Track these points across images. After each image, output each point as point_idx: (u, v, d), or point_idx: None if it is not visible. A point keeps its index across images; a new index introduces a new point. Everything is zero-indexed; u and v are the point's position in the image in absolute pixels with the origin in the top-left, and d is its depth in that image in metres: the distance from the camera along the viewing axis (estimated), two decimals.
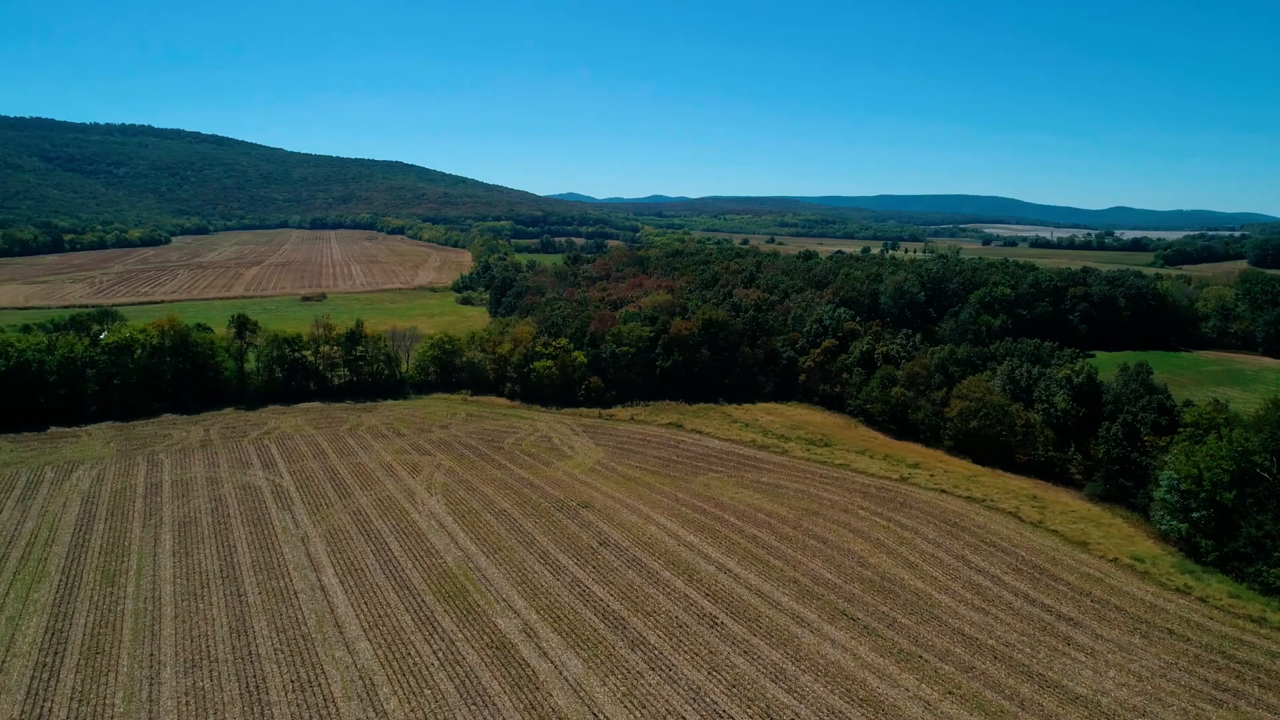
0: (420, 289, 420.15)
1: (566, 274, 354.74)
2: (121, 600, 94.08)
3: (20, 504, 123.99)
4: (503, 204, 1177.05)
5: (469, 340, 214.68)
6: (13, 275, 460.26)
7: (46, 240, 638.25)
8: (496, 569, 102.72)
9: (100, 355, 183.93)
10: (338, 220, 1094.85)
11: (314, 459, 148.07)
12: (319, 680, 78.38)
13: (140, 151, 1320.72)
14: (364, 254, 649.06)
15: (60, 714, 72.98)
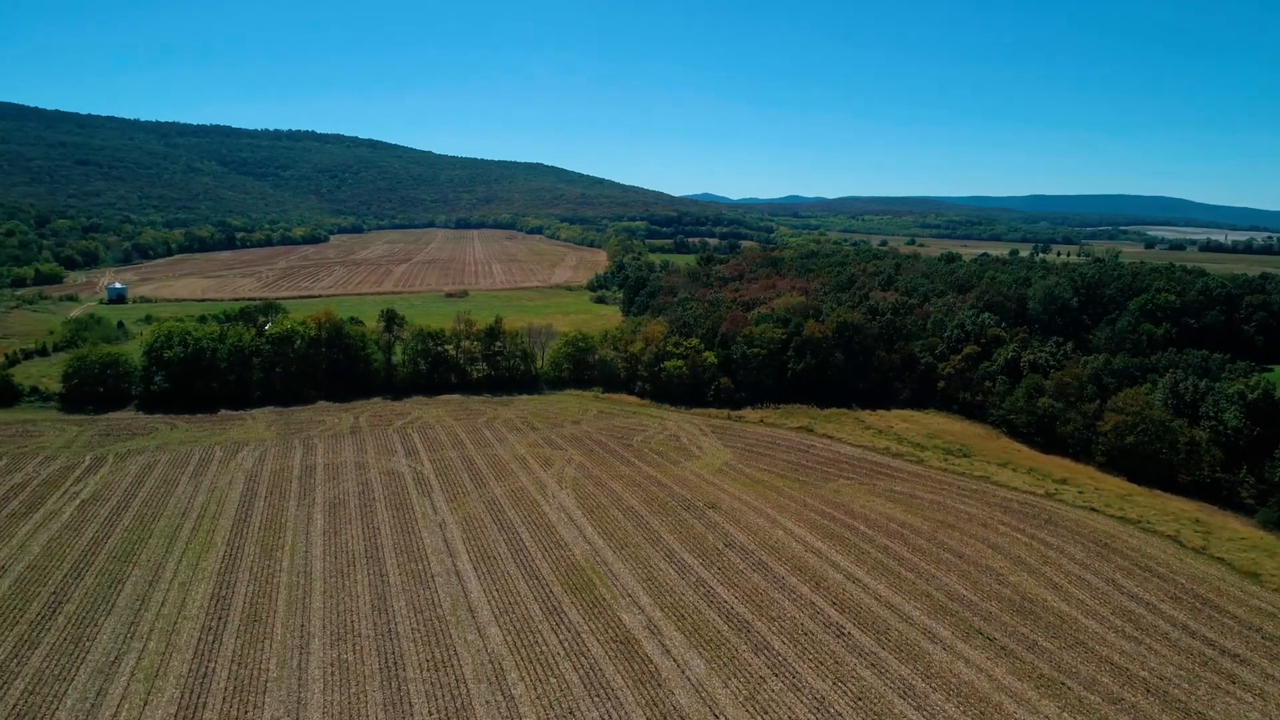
0: (557, 287, 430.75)
1: (699, 274, 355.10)
2: (277, 573, 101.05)
3: (193, 480, 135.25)
4: (638, 204, 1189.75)
5: (602, 338, 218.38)
6: (192, 270, 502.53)
7: (222, 238, 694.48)
8: (623, 564, 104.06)
9: (264, 345, 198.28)
10: (480, 220, 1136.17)
11: (453, 449, 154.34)
12: (452, 661, 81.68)
13: (304, 155, 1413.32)
14: (504, 253, 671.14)
15: (222, 674, 79.14)
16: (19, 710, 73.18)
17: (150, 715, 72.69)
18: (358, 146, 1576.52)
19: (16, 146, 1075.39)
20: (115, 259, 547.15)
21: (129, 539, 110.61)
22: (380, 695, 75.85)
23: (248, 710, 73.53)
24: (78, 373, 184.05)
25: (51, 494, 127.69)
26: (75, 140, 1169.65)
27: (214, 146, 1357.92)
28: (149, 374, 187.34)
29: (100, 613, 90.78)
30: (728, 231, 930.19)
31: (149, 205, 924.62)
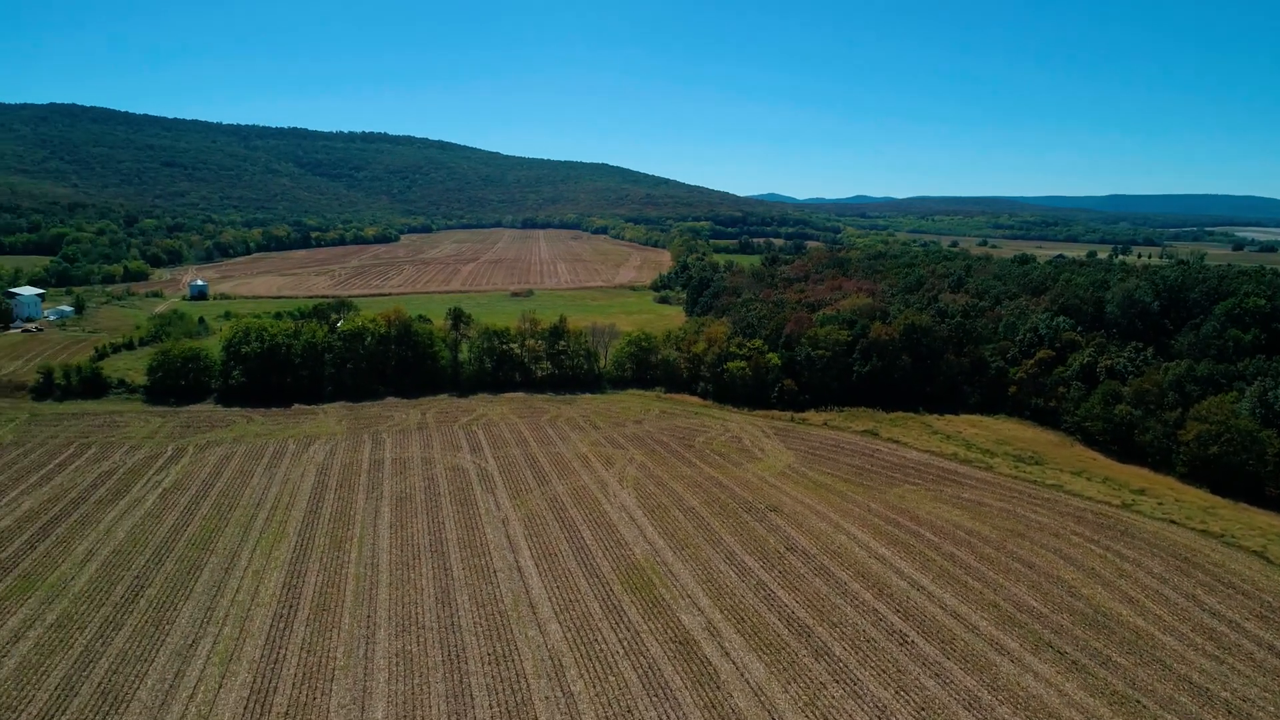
0: (620, 287, 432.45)
1: (763, 275, 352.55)
2: (345, 564, 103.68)
3: (267, 471, 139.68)
4: (703, 204, 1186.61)
5: (665, 339, 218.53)
6: (269, 268, 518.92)
7: (297, 237, 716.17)
8: (683, 565, 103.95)
9: (337, 341, 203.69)
10: (546, 220, 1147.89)
11: (516, 446, 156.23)
12: (513, 656, 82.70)
13: (377, 157, 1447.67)
14: (569, 253, 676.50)
15: (292, 661, 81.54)
16: (103, 688, 76.58)
17: (224, 698, 75.30)
18: (428, 148, 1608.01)
19: (108, 149, 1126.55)
20: (198, 257, 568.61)
21: (207, 527, 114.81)
22: (443, 687, 77.21)
23: (316, 697, 75.61)
24: (161, 366, 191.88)
25: (136, 482, 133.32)
26: (162, 143, 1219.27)
27: (291, 148, 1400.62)
28: (227, 368, 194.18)
29: (179, 597, 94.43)
30: (793, 232, 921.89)
31: (229, 205, 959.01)
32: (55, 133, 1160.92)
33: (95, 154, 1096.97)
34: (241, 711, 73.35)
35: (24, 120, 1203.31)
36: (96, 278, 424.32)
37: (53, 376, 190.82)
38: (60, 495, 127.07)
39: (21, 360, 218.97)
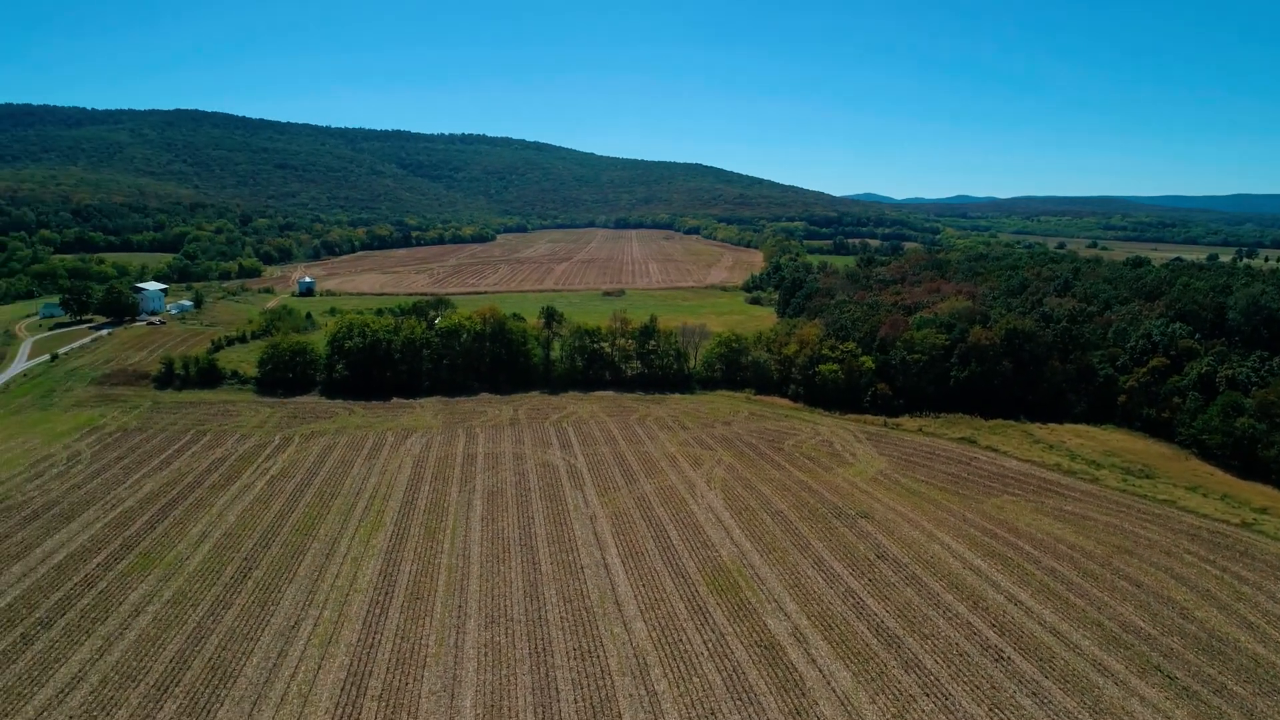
0: (712, 287, 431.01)
1: (858, 276, 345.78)
2: (438, 555, 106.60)
3: (367, 462, 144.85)
4: (797, 204, 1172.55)
5: (755, 340, 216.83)
6: (372, 266, 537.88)
7: (399, 236, 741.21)
8: (770, 569, 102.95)
9: (434, 338, 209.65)
10: (639, 220, 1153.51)
11: (605, 444, 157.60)
12: (598, 652, 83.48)
13: (475, 158, 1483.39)
14: (661, 253, 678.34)
15: (386, 646, 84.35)
16: (213, 663, 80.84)
17: (323, 679, 78.46)
18: (524, 149, 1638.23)
19: (227, 152, 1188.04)
20: (306, 255, 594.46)
21: (310, 514, 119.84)
22: (529, 679, 78.56)
23: (408, 682, 78.00)
24: (271, 359, 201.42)
25: (246, 469, 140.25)
26: (276, 146, 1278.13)
27: (394, 150, 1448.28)
28: (331, 362, 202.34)
29: (283, 580, 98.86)
30: (890, 233, 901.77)
31: (336, 205, 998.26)
32: (179, 137, 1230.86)
33: (215, 157, 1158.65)
34: (339, 693, 76.29)
35: (152, 125, 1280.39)
36: (214, 274, 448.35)
37: (173, 367, 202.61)
38: (178, 479, 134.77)
39: (146, 351, 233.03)
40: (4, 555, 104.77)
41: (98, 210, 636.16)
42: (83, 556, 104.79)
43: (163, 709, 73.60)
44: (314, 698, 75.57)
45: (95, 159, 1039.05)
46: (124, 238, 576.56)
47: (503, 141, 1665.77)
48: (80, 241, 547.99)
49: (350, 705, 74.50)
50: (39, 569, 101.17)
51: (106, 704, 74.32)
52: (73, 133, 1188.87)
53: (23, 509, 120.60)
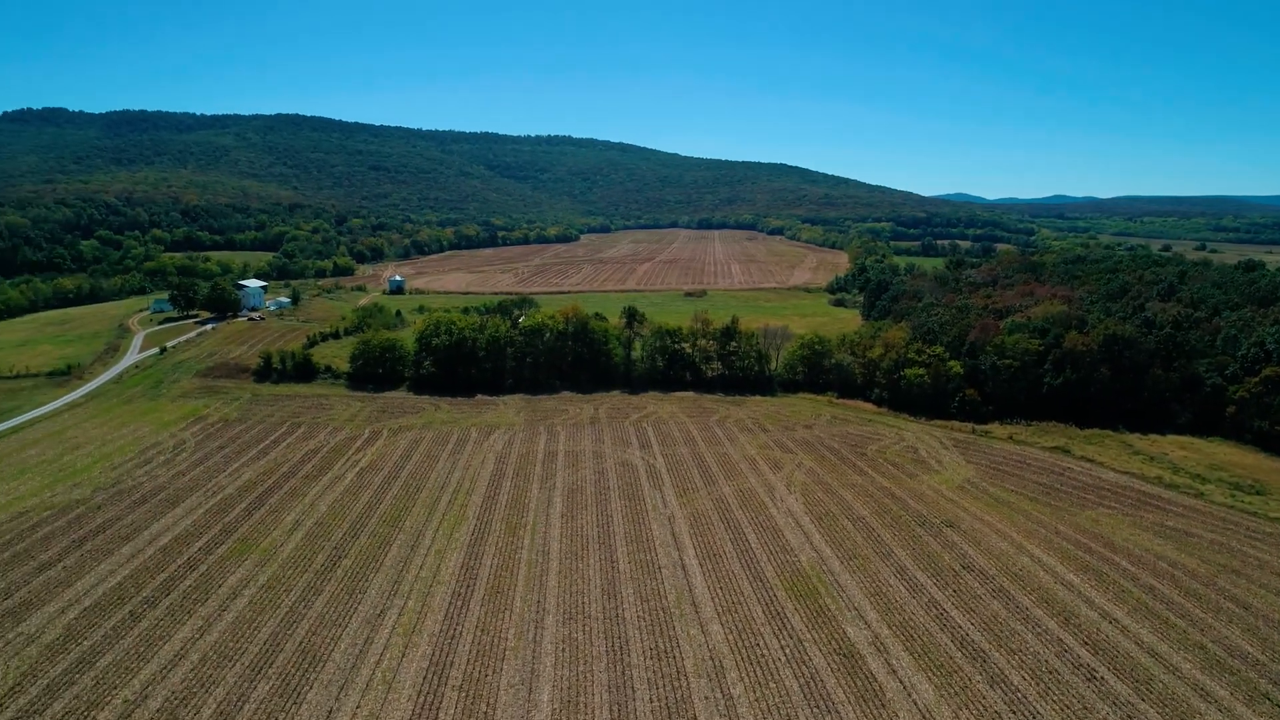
0: (795, 289, 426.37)
1: (947, 279, 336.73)
2: (519, 550, 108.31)
3: (451, 457, 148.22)
4: (884, 205, 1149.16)
5: (839, 342, 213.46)
6: (459, 265, 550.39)
7: (485, 236, 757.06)
8: (850, 576, 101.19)
9: (518, 336, 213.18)
10: (722, 221, 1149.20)
11: (684, 445, 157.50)
12: (674, 652, 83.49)
13: (560, 159, 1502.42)
14: (743, 253, 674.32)
15: (467, 638, 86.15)
16: (304, 647, 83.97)
17: (406, 667, 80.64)
18: (609, 150, 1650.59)
19: (324, 155, 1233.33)
20: (397, 254, 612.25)
21: (396, 506, 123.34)
22: (605, 677, 79.09)
23: (488, 674, 79.49)
24: (362, 355, 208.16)
25: (337, 461, 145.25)
26: (370, 149, 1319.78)
27: (482, 152, 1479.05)
28: (419, 359, 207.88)
29: (370, 569, 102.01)
30: (981, 234, 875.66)
31: (426, 206, 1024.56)
32: (280, 140, 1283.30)
33: (313, 159, 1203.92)
34: (421, 681, 78.29)
35: (255, 129, 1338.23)
36: (310, 272, 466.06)
37: (271, 361, 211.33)
38: (274, 469, 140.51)
39: (246, 345, 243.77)
40: (116, 536, 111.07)
41: (205, 211, 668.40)
42: (186, 540, 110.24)
43: (256, 689, 76.81)
44: (398, 684, 77.73)
45: (203, 162, 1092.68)
46: (228, 237, 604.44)
47: (587, 143, 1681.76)
48: (188, 240, 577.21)
49: (432, 694, 76.35)
50: (146, 550, 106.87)
51: (205, 682, 77.99)
52: (183, 137, 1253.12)
53: (133, 493, 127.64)
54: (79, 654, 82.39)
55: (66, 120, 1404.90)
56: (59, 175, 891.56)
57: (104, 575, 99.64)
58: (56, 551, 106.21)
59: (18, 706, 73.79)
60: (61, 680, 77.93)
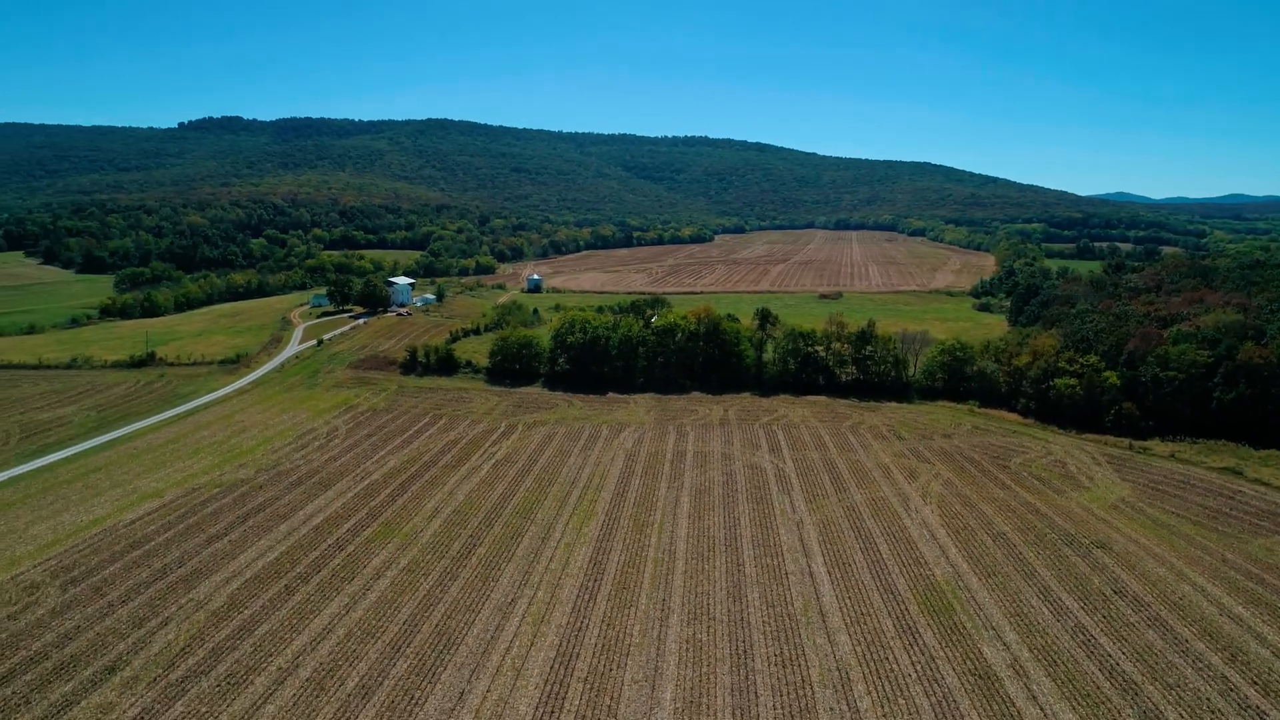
0: (936, 292, 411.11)
1: (1104, 283, 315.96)
2: (645, 548, 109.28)
3: (582, 453, 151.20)
4: (1035, 205, 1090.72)
5: (982, 349, 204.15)
6: (595, 265, 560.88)
7: (621, 236, 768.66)
8: (988, 594, 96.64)
9: (650, 336, 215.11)
10: (860, 221, 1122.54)
11: (815, 450, 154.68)
12: (799, 660, 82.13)
13: (696, 160, 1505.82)
14: (882, 255, 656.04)
15: (593, 631, 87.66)
16: (439, 629, 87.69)
17: (534, 656, 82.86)
18: (746, 150, 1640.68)
19: (469, 158, 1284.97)
20: (535, 253, 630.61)
21: (528, 499, 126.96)
22: (729, 680, 78.70)
23: (612, 669, 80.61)
24: (500, 351, 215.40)
25: (474, 452, 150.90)
26: (512, 151, 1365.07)
27: (619, 153, 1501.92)
28: (554, 356, 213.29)
29: (503, 559, 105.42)
30: (1144, 236, 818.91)
31: (564, 207, 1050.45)
32: (429, 144, 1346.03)
33: (459, 162, 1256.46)
34: (548, 670, 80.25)
35: (407, 134, 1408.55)
36: (454, 270, 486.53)
37: (416, 355, 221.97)
38: (416, 458, 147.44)
39: (394, 340, 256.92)
40: (274, 515, 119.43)
41: (360, 211, 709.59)
42: (335, 521, 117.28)
43: (395, 666, 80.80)
44: (526, 672, 79.98)
45: (360, 165, 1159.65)
46: (380, 236, 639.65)
47: (724, 143, 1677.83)
48: (345, 239, 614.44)
49: (558, 684, 78.13)
50: (300, 529, 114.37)
51: (349, 656, 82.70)
52: (342, 142, 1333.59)
53: (290, 475, 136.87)
54: (240, 622, 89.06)
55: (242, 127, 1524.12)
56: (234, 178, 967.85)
57: (263, 550, 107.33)
58: (223, 526, 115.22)
59: (187, 666, 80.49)
60: (225, 645, 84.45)
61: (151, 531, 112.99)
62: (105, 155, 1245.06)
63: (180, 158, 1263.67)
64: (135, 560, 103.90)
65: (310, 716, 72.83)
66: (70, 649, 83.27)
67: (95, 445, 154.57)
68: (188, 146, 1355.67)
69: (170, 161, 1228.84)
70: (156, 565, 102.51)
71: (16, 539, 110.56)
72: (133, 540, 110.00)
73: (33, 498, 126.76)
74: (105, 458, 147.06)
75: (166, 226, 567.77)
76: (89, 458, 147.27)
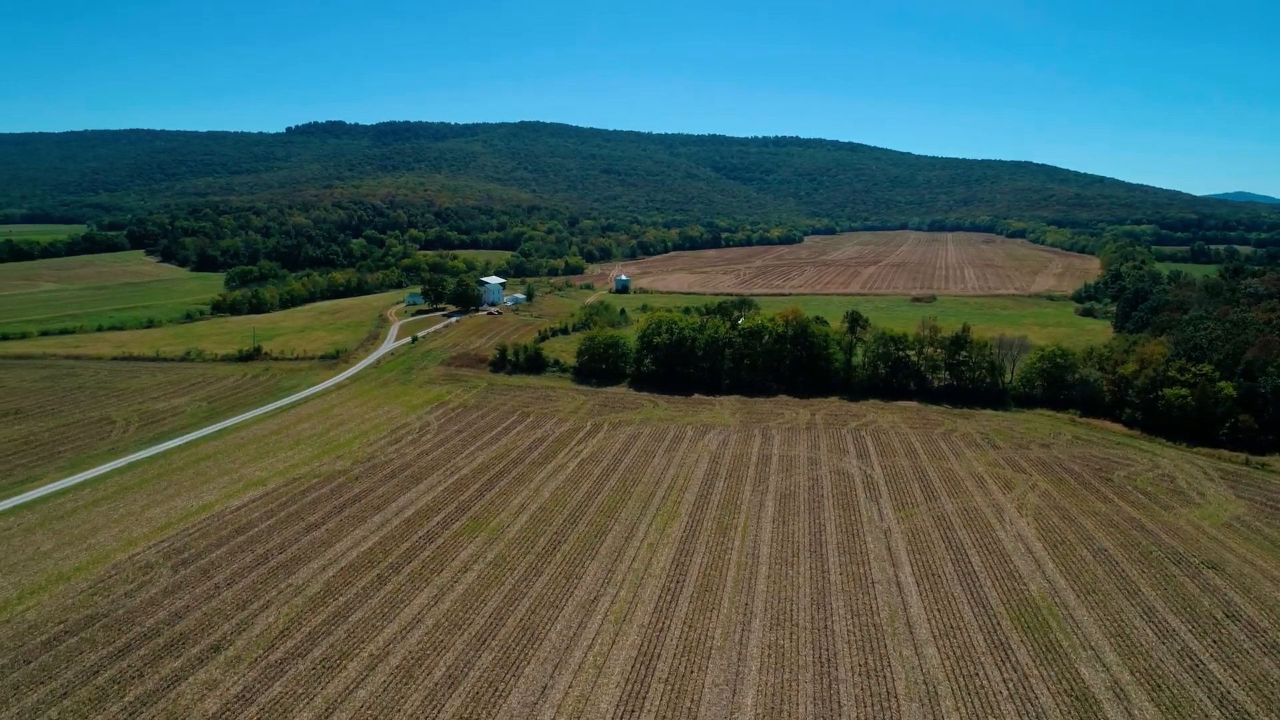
0: (1035, 296, 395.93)
1: (1220, 289, 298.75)
2: (728, 551, 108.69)
3: (667, 454, 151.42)
4: (1146, 205, 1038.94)
5: (1085, 356, 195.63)
6: (682, 266, 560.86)
7: (709, 237, 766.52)
8: (1087, 612, 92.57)
9: (736, 338, 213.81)
10: (956, 223, 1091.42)
11: (905, 456, 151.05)
12: (884, 671, 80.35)
13: (787, 160, 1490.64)
14: (979, 257, 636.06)
15: (675, 633, 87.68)
16: (524, 624, 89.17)
17: (616, 654, 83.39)
18: (837, 150, 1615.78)
19: (560, 159, 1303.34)
20: (623, 254, 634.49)
21: (613, 498, 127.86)
22: (811, 688, 77.57)
23: (693, 671, 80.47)
24: (588, 350, 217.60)
25: (560, 450, 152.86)
26: (602, 153, 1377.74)
27: (709, 154, 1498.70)
28: (640, 356, 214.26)
29: (586, 557, 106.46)
30: (1266, 238, 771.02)
31: (653, 208, 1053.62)
32: (521, 146, 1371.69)
33: (550, 164, 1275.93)
34: (629, 669, 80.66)
35: (500, 136, 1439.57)
36: (543, 270, 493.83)
37: (505, 353, 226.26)
38: (504, 454, 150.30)
39: (485, 338, 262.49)
40: (369, 506, 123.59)
41: (454, 213, 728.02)
42: (426, 514, 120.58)
43: (481, 658, 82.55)
44: (607, 669, 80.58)
45: (454, 167, 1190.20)
46: (473, 237, 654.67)
47: (815, 143, 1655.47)
48: (439, 239, 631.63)
49: (639, 683, 78.44)
50: (393, 520, 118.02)
51: (437, 646, 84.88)
52: (438, 145, 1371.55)
53: (384, 468, 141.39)
54: (335, 608, 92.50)
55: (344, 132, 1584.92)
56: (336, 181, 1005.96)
57: (358, 540, 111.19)
58: (321, 515, 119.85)
59: (285, 649, 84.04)
60: (320, 630, 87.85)
61: (255, 518, 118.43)
62: (219, 159, 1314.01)
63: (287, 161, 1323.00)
64: (240, 545, 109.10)
65: (399, 703, 75.07)
66: (180, 627, 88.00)
67: (206, 434, 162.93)
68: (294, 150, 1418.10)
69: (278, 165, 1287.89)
70: (259, 550, 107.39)
71: (134, 521, 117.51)
72: (238, 526, 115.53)
73: (149, 482, 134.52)
74: (214, 446, 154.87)
75: (273, 227, 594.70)
76: (200, 446, 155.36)
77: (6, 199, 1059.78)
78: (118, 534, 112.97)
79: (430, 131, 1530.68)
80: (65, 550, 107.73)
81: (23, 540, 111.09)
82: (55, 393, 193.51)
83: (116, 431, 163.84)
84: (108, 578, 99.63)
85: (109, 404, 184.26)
